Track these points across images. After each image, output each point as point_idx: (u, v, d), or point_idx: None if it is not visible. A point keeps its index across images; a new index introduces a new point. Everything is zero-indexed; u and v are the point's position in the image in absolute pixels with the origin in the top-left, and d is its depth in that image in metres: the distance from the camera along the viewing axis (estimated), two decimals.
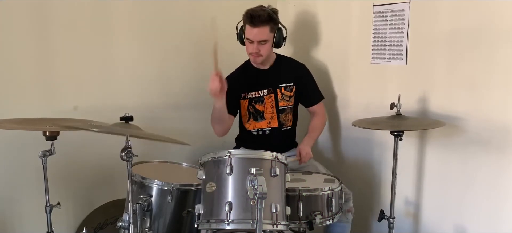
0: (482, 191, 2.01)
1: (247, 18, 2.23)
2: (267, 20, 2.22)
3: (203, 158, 1.77)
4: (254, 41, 2.24)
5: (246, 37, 2.27)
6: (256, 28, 2.21)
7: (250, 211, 1.60)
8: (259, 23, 2.20)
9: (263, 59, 2.32)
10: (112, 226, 2.41)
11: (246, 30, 2.25)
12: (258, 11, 2.22)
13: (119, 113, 1.65)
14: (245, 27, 2.26)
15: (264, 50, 2.27)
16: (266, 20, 2.21)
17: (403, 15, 2.21)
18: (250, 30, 2.23)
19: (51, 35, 2.25)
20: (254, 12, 2.22)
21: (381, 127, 2.04)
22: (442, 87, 2.10)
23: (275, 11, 2.29)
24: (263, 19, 2.20)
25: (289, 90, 2.40)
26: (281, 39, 2.32)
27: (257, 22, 2.20)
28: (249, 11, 2.24)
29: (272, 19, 2.24)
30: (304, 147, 2.30)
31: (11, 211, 2.27)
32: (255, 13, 2.21)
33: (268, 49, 2.30)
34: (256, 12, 2.21)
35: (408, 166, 2.28)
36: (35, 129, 1.80)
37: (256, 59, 2.32)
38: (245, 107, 2.40)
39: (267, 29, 2.23)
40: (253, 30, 2.22)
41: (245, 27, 2.27)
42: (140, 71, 2.54)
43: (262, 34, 2.23)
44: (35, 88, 2.24)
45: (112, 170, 2.09)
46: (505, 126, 1.89)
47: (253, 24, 2.21)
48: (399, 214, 2.23)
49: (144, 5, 2.50)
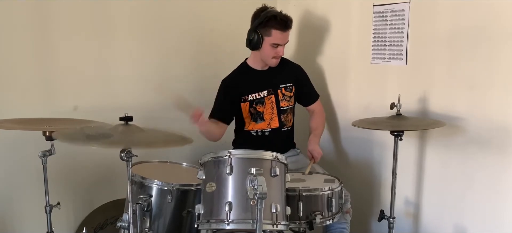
0: (482, 191, 2.01)
1: (277, 23, 2.21)
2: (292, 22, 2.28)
3: (203, 158, 1.76)
4: (283, 44, 2.27)
5: (274, 43, 2.25)
6: (287, 31, 2.25)
7: (250, 211, 1.60)
8: (290, 26, 2.25)
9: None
10: (112, 226, 2.42)
11: (274, 35, 2.23)
12: (285, 14, 2.25)
13: (119, 113, 1.65)
14: (271, 32, 2.23)
15: (283, 51, 2.31)
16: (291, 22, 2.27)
17: (403, 15, 2.21)
18: (280, 34, 2.23)
19: (51, 35, 2.26)
20: (284, 16, 2.24)
21: (381, 127, 2.04)
22: (442, 87, 2.10)
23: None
24: (291, 21, 2.26)
25: (289, 90, 2.40)
26: None
27: (290, 25, 2.25)
28: (276, 15, 2.22)
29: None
30: (314, 146, 2.30)
31: (11, 211, 2.27)
32: (285, 17, 2.24)
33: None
34: (285, 16, 2.24)
35: (408, 166, 2.28)
36: (35, 129, 1.80)
37: (277, 62, 2.34)
38: (246, 109, 2.37)
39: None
40: (284, 34, 2.25)
41: (269, 33, 2.23)
42: (140, 71, 2.54)
43: (288, 36, 2.28)
44: (35, 88, 2.25)
45: (112, 170, 2.09)
46: (505, 126, 1.89)
47: (287, 27, 2.24)
48: (399, 214, 2.23)
49: (144, 6, 2.50)
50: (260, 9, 2.27)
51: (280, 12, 2.24)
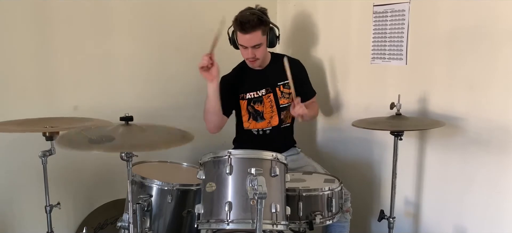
0: (482, 191, 2.01)
1: (237, 25, 2.17)
2: (258, 24, 2.16)
3: (203, 158, 1.76)
4: (248, 47, 2.21)
5: (240, 44, 2.23)
6: (247, 34, 2.16)
7: (250, 211, 1.60)
8: (250, 29, 2.15)
9: (260, 62, 2.31)
10: (112, 226, 2.42)
11: (238, 36, 2.21)
12: (248, 16, 2.15)
13: (119, 113, 1.65)
14: (237, 34, 2.22)
15: (259, 53, 2.25)
16: (257, 25, 2.15)
17: (403, 15, 2.21)
18: (242, 36, 2.18)
19: (51, 35, 2.25)
20: (244, 18, 2.15)
21: (381, 127, 2.04)
22: (442, 87, 2.10)
23: (264, 11, 2.24)
24: (254, 24, 2.14)
25: (288, 87, 2.39)
26: (274, 38, 2.28)
27: (248, 28, 2.14)
28: (237, 17, 2.18)
29: (262, 22, 2.18)
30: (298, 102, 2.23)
31: (11, 211, 2.27)
32: (245, 19, 2.15)
33: (263, 52, 2.28)
34: (245, 18, 2.15)
35: (408, 166, 2.28)
36: (35, 131, 1.79)
37: (253, 64, 2.31)
38: (244, 107, 2.39)
39: (259, 33, 2.18)
40: (245, 37, 2.17)
41: (236, 33, 2.23)
42: (140, 71, 2.54)
43: (254, 39, 2.18)
44: (35, 88, 2.25)
45: (112, 170, 2.09)
46: (505, 126, 1.89)
47: (244, 30, 2.15)
48: (399, 214, 2.23)
49: (144, 5, 2.50)
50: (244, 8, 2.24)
51: (245, 13, 2.17)
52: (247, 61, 2.31)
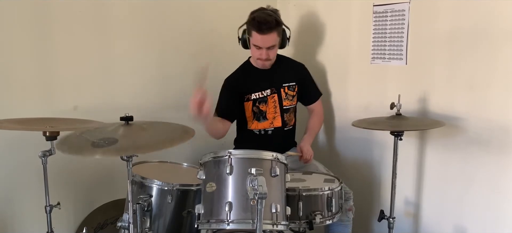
0: (482, 191, 2.01)
1: (254, 25, 2.18)
2: (275, 25, 2.18)
3: (203, 158, 1.76)
4: (263, 47, 2.21)
5: (254, 44, 2.23)
6: (265, 35, 2.17)
7: (250, 211, 1.60)
8: (267, 30, 2.16)
9: (272, 62, 2.32)
10: (112, 226, 2.42)
11: (253, 37, 2.21)
12: (265, 17, 2.17)
13: (119, 113, 1.65)
14: (252, 33, 2.21)
15: (272, 54, 2.26)
16: (274, 26, 2.18)
17: (403, 15, 2.21)
18: (258, 37, 2.18)
19: (51, 35, 2.25)
20: (262, 19, 2.16)
21: (381, 127, 2.04)
22: (442, 87, 2.10)
23: (277, 12, 2.26)
24: (272, 25, 2.16)
25: (292, 89, 2.40)
26: (285, 40, 2.32)
27: (265, 29, 2.16)
28: (255, 17, 2.18)
29: (278, 24, 2.21)
30: (306, 145, 2.31)
31: (11, 211, 2.27)
32: (263, 20, 2.16)
33: (276, 52, 2.29)
34: (263, 19, 2.16)
35: (408, 166, 2.28)
36: (35, 129, 1.79)
37: (265, 64, 2.31)
38: (249, 109, 2.37)
39: (275, 35, 2.20)
40: (262, 37, 2.18)
41: (251, 33, 2.22)
42: (140, 71, 2.54)
43: (271, 40, 2.20)
44: (35, 88, 2.24)
45: (112, 170, 2.09)
46: (505, 126, 1.89)
47: (262, 31, 2.16)
48: (399, 214, 2.23)
49: (144, 5, 2.50)
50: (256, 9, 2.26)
51: (262, 14, 2.18)
52: (259, 61, 2.30)
